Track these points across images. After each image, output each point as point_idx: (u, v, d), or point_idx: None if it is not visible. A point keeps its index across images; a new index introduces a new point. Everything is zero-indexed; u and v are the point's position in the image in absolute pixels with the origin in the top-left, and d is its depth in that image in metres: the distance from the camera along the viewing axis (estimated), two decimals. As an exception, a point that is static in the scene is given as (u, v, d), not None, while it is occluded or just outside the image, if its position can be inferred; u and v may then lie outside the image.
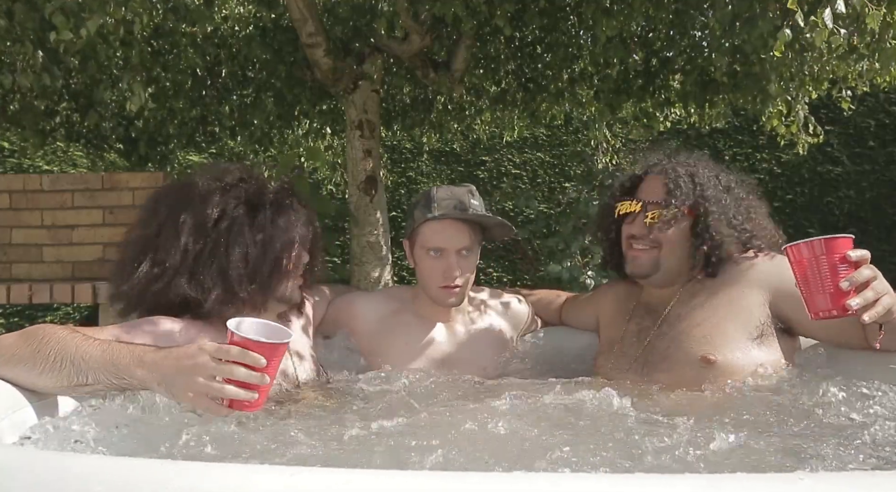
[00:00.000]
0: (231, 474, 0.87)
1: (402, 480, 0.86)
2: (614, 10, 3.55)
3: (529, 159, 7.95)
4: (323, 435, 1.23)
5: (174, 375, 1.18)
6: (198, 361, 1.17)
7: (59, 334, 1.29)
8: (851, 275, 1.32)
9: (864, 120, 7.41)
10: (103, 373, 1.23)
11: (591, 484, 0.84)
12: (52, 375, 1.25)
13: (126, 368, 1.22)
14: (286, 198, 1.67)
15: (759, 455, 1.12)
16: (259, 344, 1.17)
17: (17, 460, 0.94)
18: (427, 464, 1.06)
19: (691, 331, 1.69)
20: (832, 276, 1.33)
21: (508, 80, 4.65)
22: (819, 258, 1.34)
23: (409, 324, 1.95)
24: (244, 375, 1.16)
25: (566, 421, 1.31)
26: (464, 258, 1.86)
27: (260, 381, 1.17)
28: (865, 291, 1.32)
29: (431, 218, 1.84)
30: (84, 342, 1.27)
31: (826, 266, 1.33)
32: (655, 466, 1.07)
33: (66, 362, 1.25)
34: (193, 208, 1.57)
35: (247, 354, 1.16)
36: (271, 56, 4.34)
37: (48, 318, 6.49)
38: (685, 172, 1.75)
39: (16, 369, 1.29)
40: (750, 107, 4.02)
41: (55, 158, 6.91)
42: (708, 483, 0.82)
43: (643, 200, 1.76)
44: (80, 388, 1.26)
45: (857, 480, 0.88)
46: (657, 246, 1.74)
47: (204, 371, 1.16)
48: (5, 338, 1.34)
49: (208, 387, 1.16)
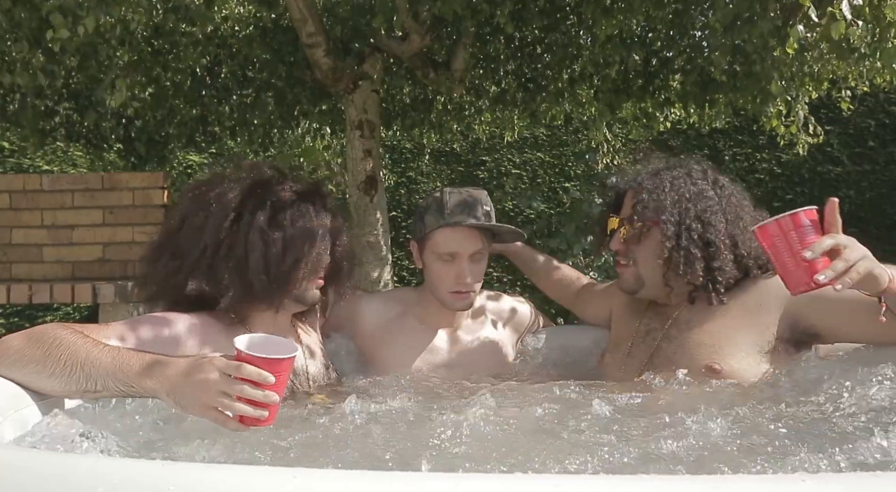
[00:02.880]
0: (232, 475, 0.87)
1: (403, 481, 0.85)
2: (614, 10, 3.54)
3: (529, 159, 7.95)
4: (324, 436, 1.23)
5: (183, 387, 1.17)
6: (208, 377, 1.15)
7: (69, 338, 1.29)
8: (812, 244, 1.33)
9: (864, 120, 7.41)
10: (112, 381, 1.23)
11: (593, 486, 0.84)
12: (61, 379, 1.26)
13: (136, 377, 1.22)
14: (312, 198, 1.66)
15: (760, 456, 1.11)
16: (266, 361, 1.15)
17: (18, 460, 0.94)
18: (428, 466, 1.05)
19: (700, 338, 1.66)
20: (803, 249, 1.34)
21: (508, 80, 4.65)
22: (788, 234, 1.36)
23: (411, 330, 1.94)
24: (252, 393, 1.14)
25: (567, 422, 1.31)
26: (475, 263, 1.85)
27: (267, 399, 1.15)
28: (836, 262, 1.32)
29: (445, 224, 1.82)
30: (94, 348, 1.27)
31: (796, 240, 1.35)
32: (657, 467, 1.07)
33: (77, 368, 1.25)
34: (215, 205, 1.58)
35: (250, 368, 1.15)
36: (271, 56, 4.34)
37: (48, 318, 6.48)
38: (653, 185, 1.72)
39: (25, 370, 1.29)
40: (750, 107, 4.02)
41: (55, 158, 6.91)
42: (710, 485, 0.82)
43: (620, 217, 1.77)
44: (88, 393, 1.27)
45: (858, 481, 0.88)
46: (634, 263, 1.74)
47: (214, 386, 1.15)
48: (12, 339, 1.33)
49: (218, 402, 1.15)
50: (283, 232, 1.58)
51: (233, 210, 1.57)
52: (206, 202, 1.60)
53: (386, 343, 1.91)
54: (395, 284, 4.94)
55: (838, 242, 1.34)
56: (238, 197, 1.59)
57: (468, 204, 1.84)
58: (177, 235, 1.60)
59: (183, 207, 1.64)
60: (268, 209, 1.59)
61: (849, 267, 1.32)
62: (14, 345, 1.32)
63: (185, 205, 1.65)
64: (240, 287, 1.55)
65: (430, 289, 1.91)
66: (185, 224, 1.60)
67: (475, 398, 1.43)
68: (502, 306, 2.07)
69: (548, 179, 7.89)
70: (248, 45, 4.32)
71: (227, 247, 1.55)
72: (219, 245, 1.55)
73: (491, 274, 7.35)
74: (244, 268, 1.55)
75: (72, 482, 0.85)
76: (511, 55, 4.47)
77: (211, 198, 1.60)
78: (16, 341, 1.33)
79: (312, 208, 1.64)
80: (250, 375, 1.14)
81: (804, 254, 1.33)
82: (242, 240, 1.56)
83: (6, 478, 0.88)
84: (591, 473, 1.05)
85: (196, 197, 1.63)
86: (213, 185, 1.64)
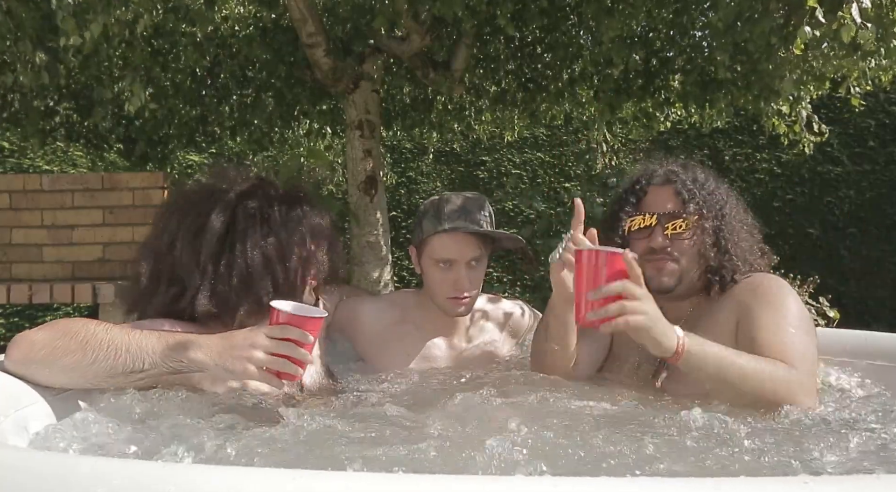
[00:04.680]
0: (232, 476, 0.87)
1: (403, 482, 0.85)
2: (615, 10, 3.54)
3: (529, 159, 7.95)
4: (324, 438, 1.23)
5: (234, 351, 1.30)
6: (256, 340, 1.30)
7: (99, 327, 1.33)
8: (600, 287, 1.34)
9: (864, 120, 7.41)
10: (161, 358, 1.31)
11: (592, 486, 0.84)
12: (105, 364, 1.30)
13: (184, 351, 1.31)
14: (300, 201, 1.63)
15: (762, 458, 1.11)
16: (305, 319, 1.32)
17: (18, 461, 0.94)
18: (428, 467, 1.05)
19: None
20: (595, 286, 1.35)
21: (508, 80, 4.65)
22: (596, 268, 1.36)
23: (410, 336, 1.93)
24: (295, 351, 1.30)
25: (567, 424, 1.31)
26: (473, 270, 1.84)
27: (304, 357, 1.32)
28: (610, 305, 1.34)
29: (442, 230, 1.81)
30: (133, 332, 1.33)
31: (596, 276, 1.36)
32: (658, 468, 1.06)
33: (122, 351, 1.30)
34: (204, 220, 1.53)
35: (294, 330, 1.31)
36: (271, 56, 4.34)
37: (48, 318, 6.48)
38: (691, 178, 1.71)
39: (61, 362, 1.29)
40: (751, 106, 4.02)
41: (55, 158, 6.91)
42: (710, 485, 0.82)
43: (657, 213, 1.70)
44: (133, 374, 1.31)
45: (861, 483, 0.88)
46: (678, 259, 1.68)
47: (262, 348, 1.30)
48: (33, 334, 1.32)
49: (264, 361, 1.30)
50: (279, 241, 1.55)
51: (224, 225, 1.53)
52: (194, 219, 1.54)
53: (385, 347, 1.91)
54: (395, 284, 4.94)
55: (626, 289, 1.34)
56: (227, 211, 1.55)
57: (466, 209, 1.82)
58: (169, 256, 1.54)
59: (170, 227, 1.57)
60: (260, 220, 1.56)
61: (620, 314, 1.33)
62: (39, 339, 1.31)
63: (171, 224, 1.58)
64: (248, 304, 1.52)
65: (428, 294, 1.91)
66: (175, 244, 1.54)
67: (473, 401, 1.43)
68: (501, 310, 2.07)
69: (548, 179, 7.90)
70: (248, 45, 4.32)
71: (226, 266, 1.51)
72: (218, 264, 1.51)
73: (491, 274, 7.35)
74: (249, 284, 1.52)
75: (72, 482, 0.85)
76: (511, 55, 4.47)
77: (199, 213, 1.54)
78: (40, 336, 1.31)
79: (302, 212, 1.61)
80: (293, 334, 1.30)
81: (587, 294, 1.35)
82: (242, 255, 1.52)
83: (6, 478, 0.88)
84: (591, 473, 1.05)
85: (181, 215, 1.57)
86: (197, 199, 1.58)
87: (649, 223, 1.70)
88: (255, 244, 1.53)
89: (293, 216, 1.60)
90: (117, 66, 4.27)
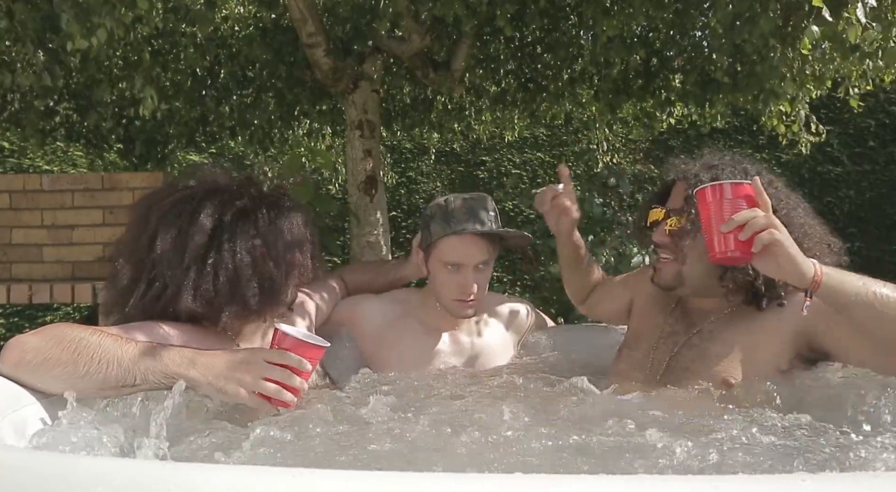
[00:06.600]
0: (232, 475, 0.87)
1: (403, 481, 0.85)
2: (615, 10, 3.55)
3: (529, 159, 7.95)
4: (324, 437, 1.23)
5: (227, 372, 1.28)
6: (252, 363, 1.29)
7: (92, 337, 1.28)
8: (732, 217, 1.32)
9: (864, 120, 7.41)
10: (152, 374, 1.26)
11: (592, 486, 0.84)
12: (96, 377, 1.25)
13: (177, 368, 1.27)
14: (283, 203, 1.62)
15: (760, 457, 1.11)
16: (307, 346, 1.31)
17: (18, 460, 0.94)
18: (428, 466, 1.05)
19: (722, 350, 1.60)
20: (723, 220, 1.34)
21: (508, 80, 4.66)
22: (721, 201, 1.35)
23: (413, 332, 1.93)
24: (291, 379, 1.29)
25: (567, 422, 1.31)
26: (480, 272, 1.85)
27: (300, 386, 1.31)
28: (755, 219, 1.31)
29: (452, 233, 1.81)
30: (126, 344, 1.29)
31: (728, 209, 1.34)
32: (656, 467, 1.07)
33: (113, 364, 1.25)
34: (188, 219, 1.51)
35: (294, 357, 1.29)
36: (271, 56, 4.34)
37: (48, 318, 6.48)
38: (708, 177, 1.58)
39: (52, 372, 1.26)
40: (751, 106, 4.02)
41: (55, 158, 6.91)
42: (709, 484, 0.82)
43: (667, 208, 1.67)
44: (126, 389, 1.27)
45: (859, 481, 0.88)
46: (679, 257, 1.63)
47: (259, 372, 1.28)
48: (26, 339, 1.29)
49: (259, 386, 1.27)
50: (266, 243, 1.54)
51: (212, 225, 1.51)
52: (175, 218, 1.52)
53: (387, 344, 1.91)
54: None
55: (757, 215, 1.31)
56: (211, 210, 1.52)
57: (473, 210, 1.83)
58: (149, 256, 1.51)
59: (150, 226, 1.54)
60: (248, 221, 1.54)
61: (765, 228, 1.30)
62: (31, 347, 1.28)
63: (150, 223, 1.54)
64: (234, 305, 1.50)
65: (433, 295, 1.91)
66: (155, 244, 1.50)
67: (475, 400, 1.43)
68: (503, 308, 2.07)
69: (548, 179, 7.90)
70: (248, 45, 4.33)
71: (212, 266, 1.49)
72: (204, 263, 1.49)
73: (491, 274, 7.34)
74: (236, 285, 1.50)
75: (72, 482, 0.85)
76: (511, 55, 4.47)
77: (181, 213, 1.52)
78: (33, 342, 1.28)
79: (285, 211, 1.60)
80: (292, 362, 1.29)
81: (721, 227, 1.33)
82: (230, 255, 1.50)
83: (6, 478, 0.88)
84: (591, 473, 1.05)
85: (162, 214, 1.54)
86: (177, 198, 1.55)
87: (658, 218, 1.68)
88: (244, 245, 1.52)
89: (280, 217, 1.58)
90: (117, 67, 4.27)
